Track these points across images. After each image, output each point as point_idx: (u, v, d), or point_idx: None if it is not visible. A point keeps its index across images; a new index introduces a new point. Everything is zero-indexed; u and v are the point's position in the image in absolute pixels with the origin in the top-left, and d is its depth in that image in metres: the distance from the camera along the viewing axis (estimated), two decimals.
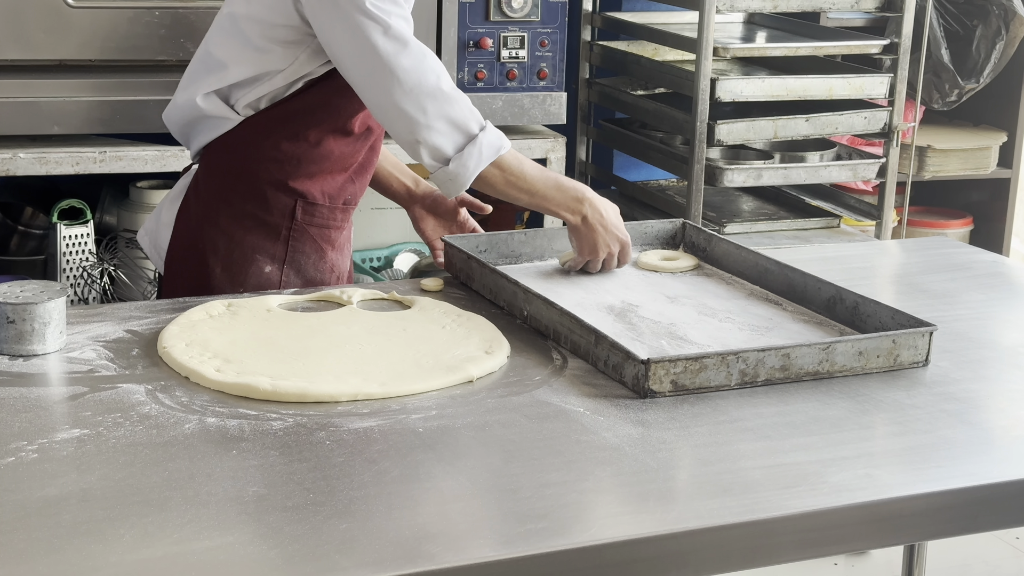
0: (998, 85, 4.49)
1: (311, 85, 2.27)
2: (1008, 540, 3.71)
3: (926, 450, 1.72)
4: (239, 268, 2.32)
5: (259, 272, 2.33)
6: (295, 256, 2.35)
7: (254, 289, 2.31)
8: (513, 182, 2.24)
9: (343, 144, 2.32)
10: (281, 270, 2.34)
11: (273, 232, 2.33)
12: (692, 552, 1.50)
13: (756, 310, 2.22)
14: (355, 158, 2.36)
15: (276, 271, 2.34)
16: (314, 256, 2.37)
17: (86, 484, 1.53)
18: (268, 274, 2.33)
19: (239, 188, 2.31)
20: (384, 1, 2.15)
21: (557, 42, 3.61)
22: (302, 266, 2.36)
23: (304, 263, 2.36)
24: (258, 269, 2.33)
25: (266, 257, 2.33)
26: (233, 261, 2.32)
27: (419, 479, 1.58)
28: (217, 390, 1.82)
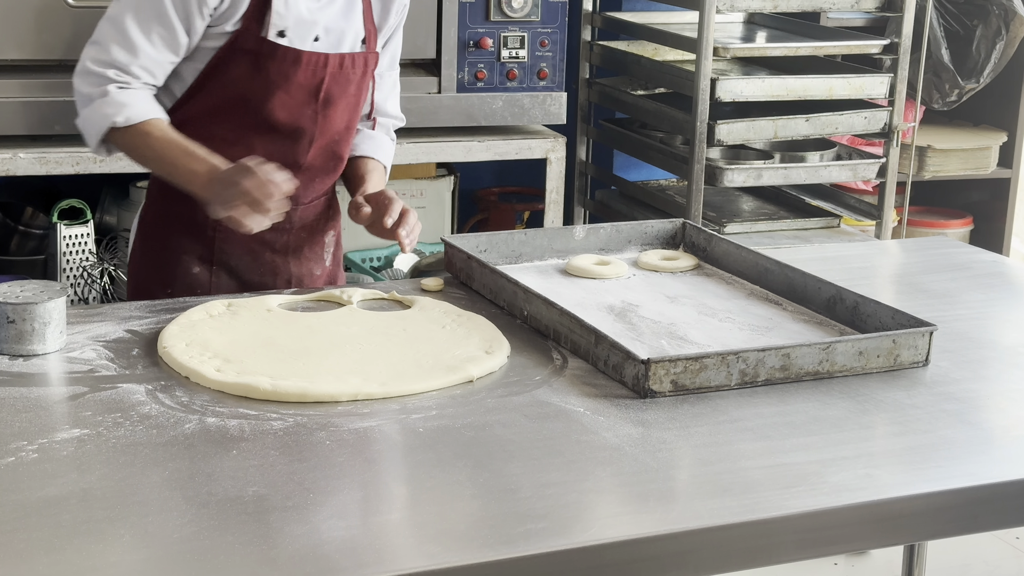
0: (998, 85, 4.48)
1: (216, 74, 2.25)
2: (1008, 540, 3.70)
3: (926, 450, 1.72)
4: (168, 269, 2.32)
5: (186, 273, 2.32)
6: (223, 257, 2.33)
7: (183, 291, 2.30)
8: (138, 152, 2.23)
9: (268, 142, 2.27)
10: (210, 271, 2.33)
11: (200, 232, 2.31)
12: (692, 552, 1.50)
13: (756, 310, 2.22)
14: (287, 157, 2.28)
15: (205, 272, 2.32)
16: (247, 258, 2.35)
17: (86, 484, 1.53)
18: (196, 275, 2.32)
19: (167, 188, 2.28)
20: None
21: (557, 42, 3.61)
22: (233, 267, 2.34)
23: (235, 264, 2.34)
24: (185, 270, 2.32)
25: (193, 258, 2.32)
26: (163, 264, 2.33)
27: (419, 479, 1.58)
28: (217, 390, 1.83)
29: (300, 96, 2.27)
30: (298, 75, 2.25)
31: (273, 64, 2.23)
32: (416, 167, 3.83)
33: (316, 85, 2.27)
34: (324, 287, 2.37)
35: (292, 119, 2.28)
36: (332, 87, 2.30)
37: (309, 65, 2.25)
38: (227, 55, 2.23)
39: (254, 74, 2.24)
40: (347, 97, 2.33)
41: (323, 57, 2.26)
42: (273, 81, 2.24)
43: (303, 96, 2.27)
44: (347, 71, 2.31)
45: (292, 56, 2.24)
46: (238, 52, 2.23)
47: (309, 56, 2.25)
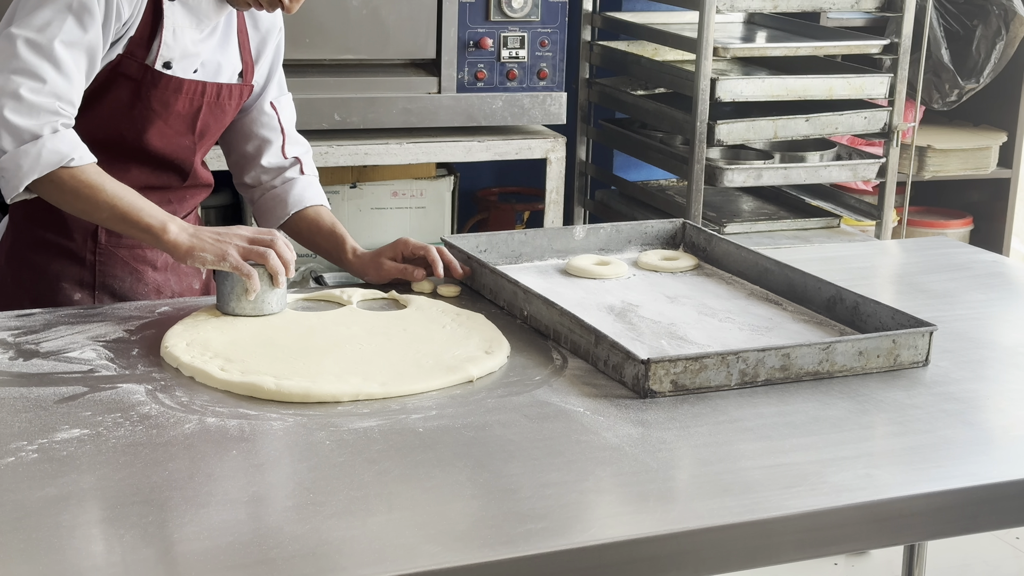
0: (998, 85, 4.48)
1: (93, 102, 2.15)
2: (1008, 540, 3.71)
3: (926, 450, 1.72)
4: (47, 298, 2.25)
5: (68, 300, 2.25)
6: (106, 280, 2.27)
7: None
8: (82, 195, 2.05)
9: (146, 171, 2.23)
10: (93, 295, 2.26)
11: (77, 257, 2.25)
12: (692, 552, 1.50)
13: (756, 310, 2.22)
14: (164, 183, 2.26)
15: (87, 297, 2.26)
16: (129, 279, 2.29)
17: (86, 484, 1.53)
18: (79, 301, 2.25)
19: (34, 214, 2.23)
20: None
21: (557, 42, 3.61)
22: (116, 290, 2.28)
23: (119, 286, 2.28)
24: (66, 297, 2.25)
25: (73, 284, 2.26)
26: (40, 292, 2.26)
27: (419, 479, 1.58)
28: (218, 389, 1.83)
29: (177, 126, 2.24)
30: (178, 104, 2.21)
31: (155, 92, 2.18)
32: (416, 167, 3.83)
33: (193, 114, 2.24)
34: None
35: (169, 149, 2.25)
36: (208, 117, 2.27)
37: (188, 94, 2.21)
38: (107, 81, 2.16)
39: (134, 102, 2.18)
40: (219, 128, 2.33)
41: (201, 86, 2.23)
42: (153, 110, 2.20)
43: (180, 126, 2.24)
44: (223, 101, 2.28)
45: (174, 85, 2.19)
46: (120, 78, 2.16)
47: (189, 84, 2.21)
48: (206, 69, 2.25)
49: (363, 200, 3.82)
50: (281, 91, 2.44)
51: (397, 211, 3.86)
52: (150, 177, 2.26)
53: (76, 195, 2.05)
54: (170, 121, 2.23)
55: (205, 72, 2.25)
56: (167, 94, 2.20)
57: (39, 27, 2.04)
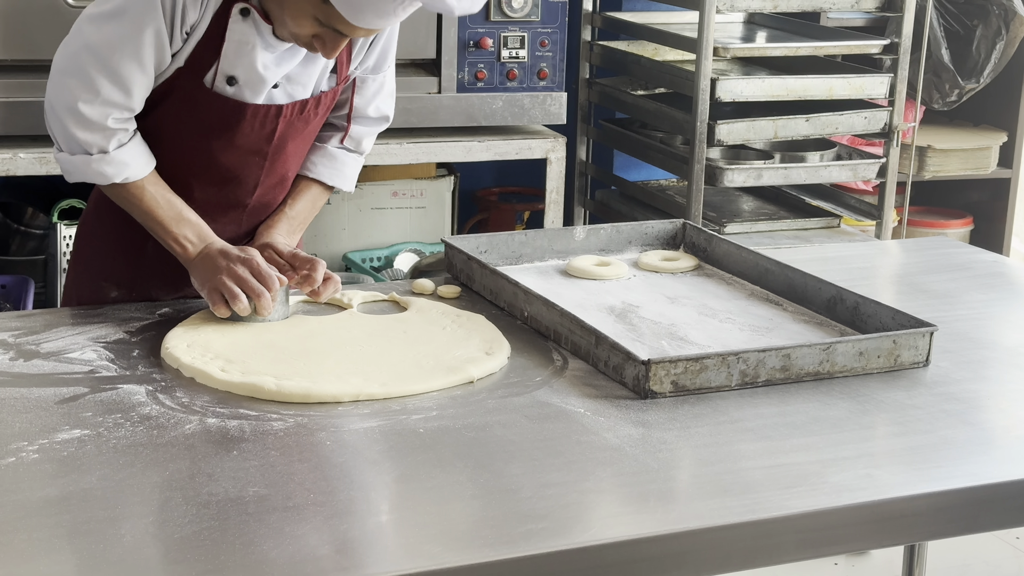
0: (998, 85, 4.48)
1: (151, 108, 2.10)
2: (1008, 540, 3.70)
3: (926, 450, 1.72)
4: (85, 291, 2.25)
5: (104, 299, 2.23)
6: (144, 285, 2.25)
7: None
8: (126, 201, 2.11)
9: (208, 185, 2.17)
10: (129, 298, 2.24)
11: (122, 259, 2.25)
12: (692, 552, 1.50)
13: (756, 310, 2.22)
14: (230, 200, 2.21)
15: (123, 297, 2.24)
16: (166, 287, 2.25)
17: (86, 484, 1.53)
18: (113, 300, 2.24)
19: (105, 209, 2.22)
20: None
21: (557, 42, 3.61)
22: (152, 296, 2.25)
23: (155, 293, 2.25)
24: (103, 295, 2.24)
25: (111, 284, 2.25)
26: (83, 284, 2.26)
27: (419, 479, 1.58)
28: (219, 390, 1.83)
29: (247, 144, 2.14)
30: (243, 126, 2.11)
31: (212, 113, 2.09)
32: (416, 167, 3.83)
33: (267, 135, 2.14)
34: None
35: (236, 167, 2.16)
36: (286, 132, 2.16)
37: (256, 117, 2.11)
38: (164, 94, 2.08)
39: (190, 119, 2.11)
40: (303, 137, 2.21)
41: (276, 108, 2.11)
42: (212, 129, 2.11)
43: (251, 144, 2.14)
44: (308, 113, 2.17)
45: (234, 107, 2.09)
46: (176, 93, 2.08)
47: (256, 109, 2.10)
48: (291, 86, 2.13)
49: (363, 200, 3.82)
50: (376, 70, 2.26)
51: (397, 211, 3.86)
52: (216, 195, 2.18)
53: (118, 199, 2.13)
54: (235, 141, 2.13)
55: (290, 89, 2.12)
56: (226, 115, 2.10)
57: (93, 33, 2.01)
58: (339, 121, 2.30)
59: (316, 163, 2.29)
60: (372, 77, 2.27)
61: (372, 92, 2.29)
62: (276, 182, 2.24)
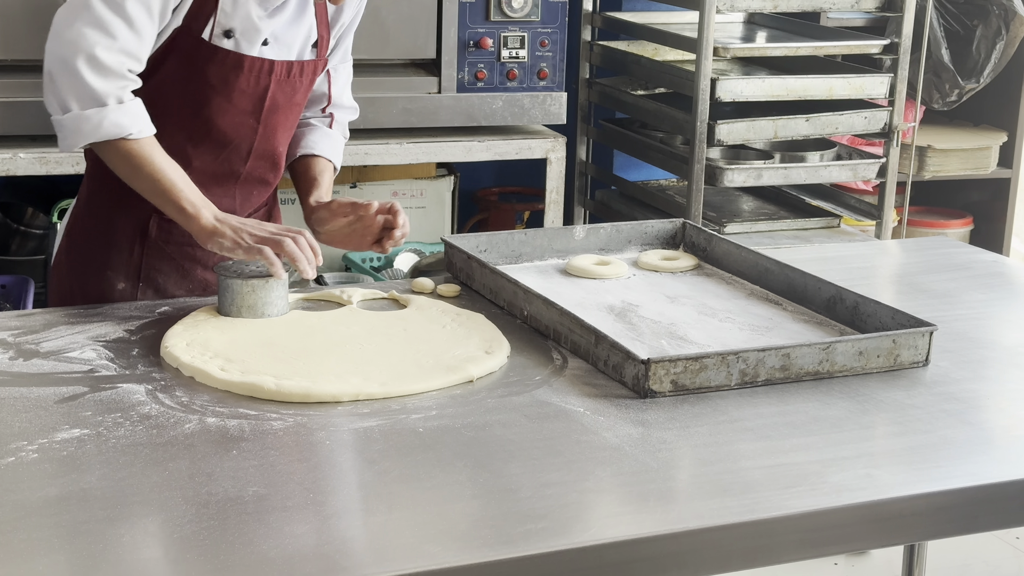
0: (998, 85, 4.48)
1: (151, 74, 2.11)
2: (1008, 540, 3.70)
3: (926, 450, 1.72)
4: (91, 283, 2.23)
5: (111, 288, 2.23)
6: (151, 273, 2.25)
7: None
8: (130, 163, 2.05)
9: (204, 151, 2.18)
10: (136, 287, 2.24)
11: (126, 247, 2.23)
12: (692, 552, 1.50)
13: (756, 310, 2.22)
14: (224, 167, 2.21)
15: (130, 288, 2.23)
16: (174, 275, 2.26)
17: (86, 484, 1.53)
18: (121, 291, 2.23)
19: (100, 196, 2.22)
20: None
21: (557, 42, 3.61)
22: (160, 284, 2.26)
23: (163, 281, 2.26)
24: (110, 286, 2.23)
25: (118, 274, 2.23)
26: (86, 276, 2.24)
27: (419, 479, 1.58)
28: (218, 389, 1.83)
29: (242, 104, 2.17)
30: (240, 81, 2.14)
31: (212, 68, 2.12)
32: (416, 167, 3.83)
33: (260, 93, 2.17)
34: None
35: (231, 128, 2.19)
36: (277, 95, 2.20)
37: (252, 71, 2.15)
38: (163, 56, 2.11)
39: (191, 78, 2.12)
40: (292, 105, 2.25)
41: (268, 64, 2.16)
42: (212, 86, 2.13)
43: (245, 104, 2.17)
44: (295, 79, 2.21)
45: (233, 60, 2.12)
46: (175, 52, 2.11)
47: (252, 62, 2.14)
48: (278, 45, 2.18)
49: (363, 200, 3.81)
50: (343, 59, 2.40)
51: None
52: (212, 164, 2.20)
53: (124, 162, 2.06)
54: (233, 99, 2.16)
55: (276, 48, 2.17)
56: (225, 70, 2.13)
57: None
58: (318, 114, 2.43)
59: (317, 141, 2.40)
60: (342, 66, 2.43)
61: (344, 80, 2.44)
62: (267, 156, 2.27)
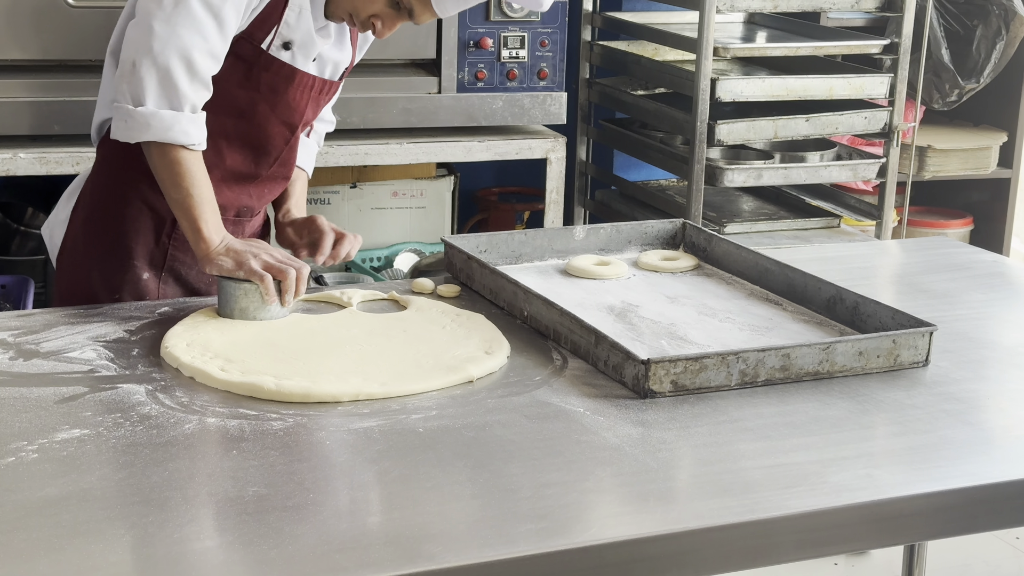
0: (998, 85, 4.48)
1: None
2: (1008, 540, 3.70)
3: (926, 450, 1.72)
4: (115, 272, 2.24)
5: (136, 279, 2.24)
6: (174, 264, 2.27)
7: (131, 296, 2.23)
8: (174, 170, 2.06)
9: (236, 151, 2.22)
10: (159, 277, 2.26)
11: (153, 237, 2.25)
12: (692, 552, 1.50)
13: (756, 310, 2.22)
14: (251, 168, 2.26)
15: (154, 279, 2.25)
16: (196, 267, 2.26)
17: (86, 484, 1.53)
18: (146, 281, 2.24)
19: (122, 188, 2.23)
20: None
21: (557, 42, 3.61)
22: (182, 275, 2.28)
23: (185, 272, 2.28)
24: (135, 276, 2.24)
25: (144, 264, 2.25)
26: (110, 265, 2.25)
27: (419, 479, 1.58)
28: (218, 390, 1.83)
29: (283, 114, 2.23)
30: (288, 93, 2.21)
31: (266, 77, 2.18)
32: (416, 167, 3.83)
33: (301, 106, 2.25)
34: None
35: (268, 136, 2.25)
36: (309, 110, 2.28)
37: (300, 85, 2.22)
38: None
39: (243, 84, 2.17)
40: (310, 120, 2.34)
41: (312, 80, 2.23)
42: (261, 94, 2.19)
43: (286, 114, 2.24)
44: (323, 96, 2.29)
45: (287, 72, 2.19)
46: (232, 57, 2.13)
47: (303, 76, 2.21)
48: (322, 63, 2.24)
49: (363, 200, 3.82)
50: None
51: (397, 211, 3.86)
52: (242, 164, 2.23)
53: (169, 168, 2.07)
54: (277, 108, 2.21)
55: (320, 66, 2.24)
56: (277, 80, 2.18)
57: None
58: None
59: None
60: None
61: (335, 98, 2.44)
62: (288, 163, 2.33)
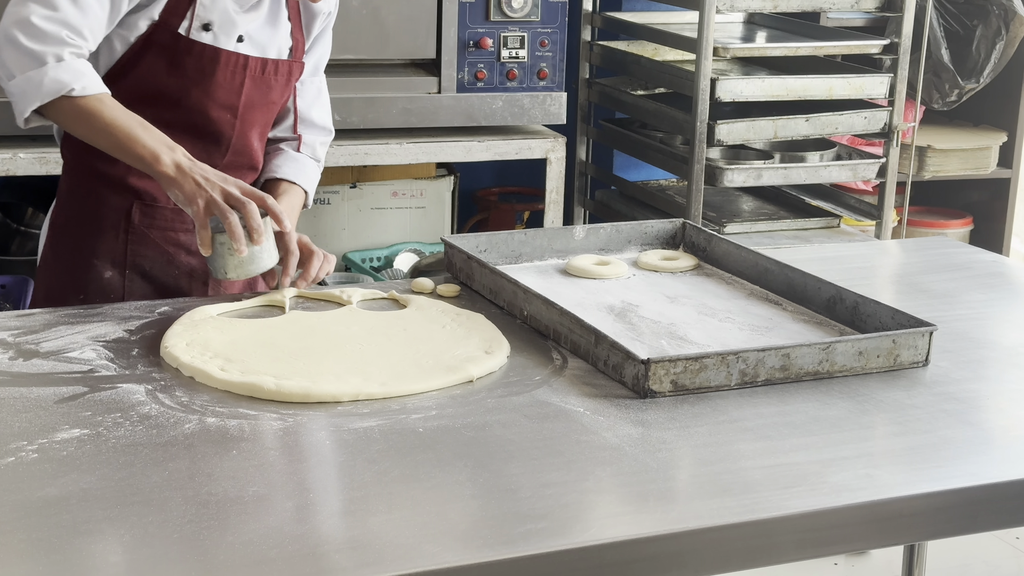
0: (998, 85, 4.49)
1: (131, 67, 2.17)
2: (1008, 540, 3.71)
3: (926, 450, 1.72)
4: (79, 273, 2.24)
5: (99, 278, 2.24)
6: (137, 260, 2.26)
7: (96, 297, 2.23)
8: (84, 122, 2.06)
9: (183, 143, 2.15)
10: (124, 275, 2.25)
11: (111, 235, 2.24)
12: (692, 552, 1.50)
13: (756, 310, 2.22)
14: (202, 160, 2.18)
15: (117, 276, 2.24)
16: (160, 260, 2.26)
17: (86, 484, 1.53)
18: (109, 280, 2.24)
19: (80, 186, 2.23)
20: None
21: (557, 42, 3.61)
22: (146, 270, 2.26)
23: (150, 268, 2.27)
24: (97, 275, 2.24)
25: (105, 262, 2.24)
26: (74, 265, 2.25)
27: (419, 479, 1.58)
28: (218, 389, 1.83)
29: (219, 97, 2.21)
30: (217, 75, 2.19)
31: (191, 61, 2.16)
32: (416, 167, 3.83)
33: (237, 87, 2.22)
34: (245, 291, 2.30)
35: (210, 120, 2.23)
36: (252, 91, 2.24)
37: (228, 65, 2.19)
38: (142, 49, 2.16)
39: (171, 72, 2.17)
40: (267, 104, 2.29)
41: (243, 59, 2.20)
42: (191, 79, 2.18)
43: (223, 97, 2.22)
44: (269, 76, 2.25)
45: (211, 54, 2.17)
46: (154, 47, 2.14)
47: (229, 55, 2.19)
48: (252, 43, 2.22)
49: (363, 200, 3.82)
50: (313, 73, 2.40)
51: (397, 211, 3.87)
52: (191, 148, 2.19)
53: (77, 122, 2.07)
54: (210, 91, 2.20)
55: (251, 46, 2.22)
56: (203, 63, 2.17)
57: None
58: (287, 133, 2.40)
59: (280, 164, 2.38)
60: (311, 80, 2.41)
61: (312, 96, 2.42)
62: (243, 152, 2.29)
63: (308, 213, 3.69)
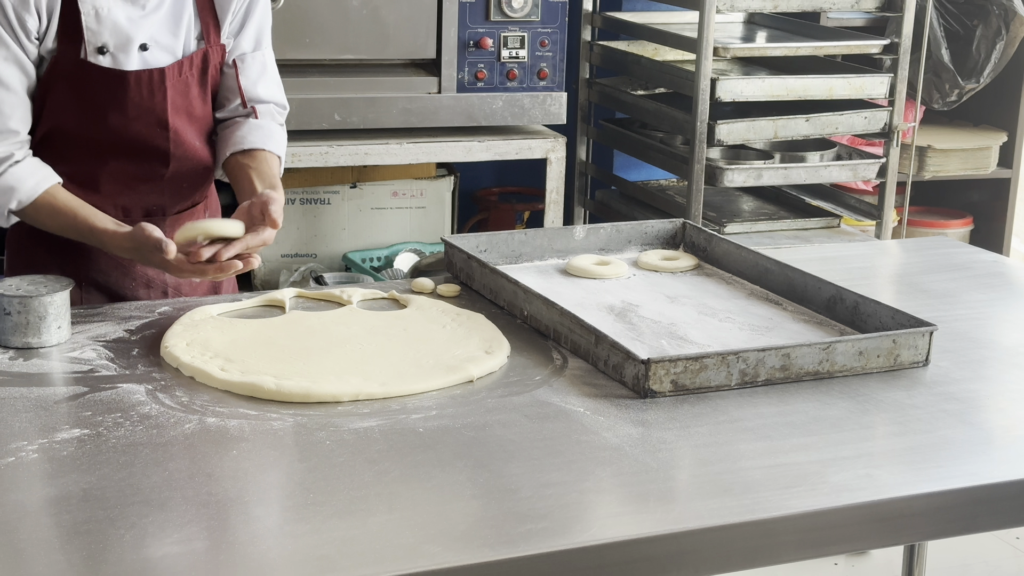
0: (998, 85, 4.48)
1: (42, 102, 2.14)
2: (1008, 540, 3.71)
3: (926, 450, 1.73)
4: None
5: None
6: (93, 274, 2.25)
7: None
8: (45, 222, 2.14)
9: (124, 161, 2.17)
10: (80, 287, 2.23)
11: (67, 250, 2.22)
12: (692, 552, 1.50)
13: (756, 310, 2.22)
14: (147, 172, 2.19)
15: (74, 290, 2.15)
16: (116, 273, 2.25)
17: (86, 484, 1.53)
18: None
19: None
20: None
21: (557, 42, 3.61)
22: (103, 283, 2.25)
23: (106, 280, 2.26)
24: None
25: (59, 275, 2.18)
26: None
27: (419, 479, 1.58)
28: (218, 389, 1.83)
29: (139, 114, 2.14)
30: (130, 95, 2.12)
31: (98, 87, 2.10)
32: (416, 167, 3.83)
33: (158, 101, 2.14)
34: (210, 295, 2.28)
35: (139, 138, 2.16)
36: (176, 98, 2.17)
37: (140, 85, 2.12)
38: (50, 80, 2.11)
39: (83, 98, 2.11)
40: (191, 99, 2.20)
41: (156, 73, 2.13)
42: (105, 103, 2.12)
43: (143, 113, 2.15)
44: (186, 76, 2.17)
45: (116, 77, 2.10)
46: (61, 77, 2.10)
47: (137, 76, 2.11)
48: (158, 48, 2.14)
49: (363, 200, 3.82)
50: (256, 46, 2.28)
51: (397, 211, 3.86)
52: (129, 167, 2.18)
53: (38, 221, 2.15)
54: (128, 112, 2.13)
55: (158, 52, 2.14)
56: (111, 86, 2.10)
57: None
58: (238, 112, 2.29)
59: (245, 135, 2.26)
60: (251, 55, 2.28)
61: (256, 72, 2.28)
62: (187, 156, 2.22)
63: (308, 213, 3.69)
